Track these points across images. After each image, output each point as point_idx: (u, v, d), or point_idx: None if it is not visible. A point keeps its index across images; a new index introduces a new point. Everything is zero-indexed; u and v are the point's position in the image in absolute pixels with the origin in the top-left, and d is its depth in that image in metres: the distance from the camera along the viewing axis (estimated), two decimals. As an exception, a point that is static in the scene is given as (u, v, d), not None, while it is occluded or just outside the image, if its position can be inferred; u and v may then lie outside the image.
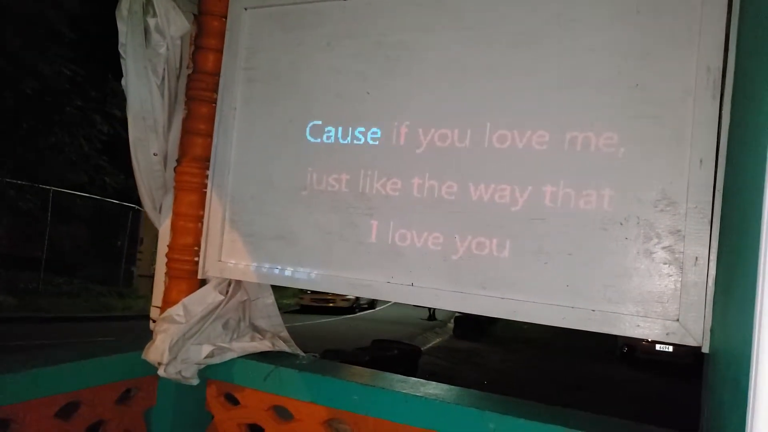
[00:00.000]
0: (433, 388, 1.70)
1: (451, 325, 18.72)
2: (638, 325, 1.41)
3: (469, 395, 1.68)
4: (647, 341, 13.71)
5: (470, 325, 17.21)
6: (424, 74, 1.71)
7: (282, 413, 1.85)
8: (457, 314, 17.94)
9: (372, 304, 22.27)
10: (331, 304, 18.69)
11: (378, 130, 1.77)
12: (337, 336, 13.37)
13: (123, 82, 1.85)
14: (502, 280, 1.57)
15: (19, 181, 14.02)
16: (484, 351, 14.98)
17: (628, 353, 14.67)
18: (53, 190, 15.00)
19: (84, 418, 1.70)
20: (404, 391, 1.66)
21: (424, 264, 1.67)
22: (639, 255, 1.43)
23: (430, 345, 15.33)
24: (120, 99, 2.12)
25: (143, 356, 1.81)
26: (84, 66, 13.56)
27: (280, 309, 2.14)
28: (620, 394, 10.85)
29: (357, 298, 19.56)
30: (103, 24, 1.80)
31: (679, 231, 1.39)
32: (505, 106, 1.61)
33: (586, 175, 1.49)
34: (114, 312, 13.12)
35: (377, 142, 1.76)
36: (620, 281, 1.44)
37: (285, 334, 2.08)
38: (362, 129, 1.79)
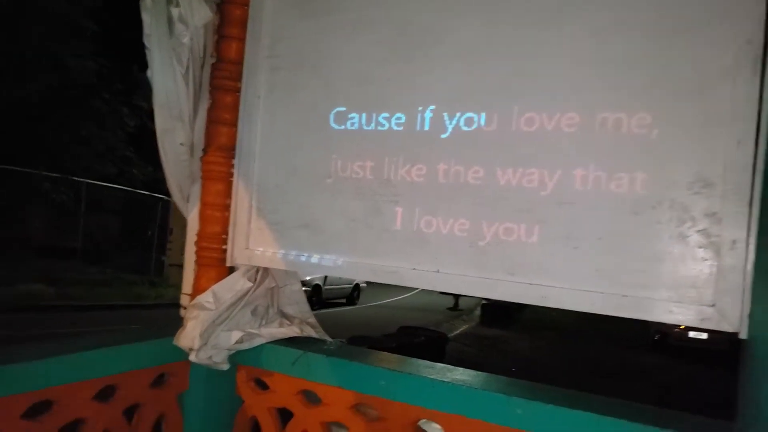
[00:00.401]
0: (460, 374, 1.69)
1: (477, 312, 18.67)
2: (671, 311, 1.38)
3: (496, 381, 1.67)
4: (680, 328, 13.48)
5: (497, 312, 17.14)
6: (449, 58, 1.69)
7: (310, 397, 1.87)
8: (483, 301, 17.86)
9: (352, 298, 19.12)
10: None
11: (402, 116, 1.75)
12: (363, 323, 13.45)
13: (148, 72, 1.86)
14: (530, 266, 1.55)
15: (52, 174, 14.34)
16: (511, 338, 14.92)
17: (661, 340, 14.42)
18: (85, 182, 15.31)
19: (121, 401, 1.74)
20: (431, 377, 1.66)
21: (450, 250, 1.66)
22: (672, 239, 1.39)
23: (457, 332, 15.33)
24: (146, 90, 2.14)
25: (175, 342, 1.84)
26: (110, 59, 13.76)
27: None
28: (652, 381, 10.71)
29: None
30: (127, 16, 1.81)
31: (715, 214, 1.35)
32: (533, 87, 1.58)
33: (618, 158, 1.46)
34: (146, 300, 13.41)
35: (401, 128, 1.75)
36: (652, 266, 1.41)
37: (313, 320, 2.09)
38: (386, 115, 1.77)
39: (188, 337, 1.82)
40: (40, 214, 14.73)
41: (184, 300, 1.97)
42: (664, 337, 14.34)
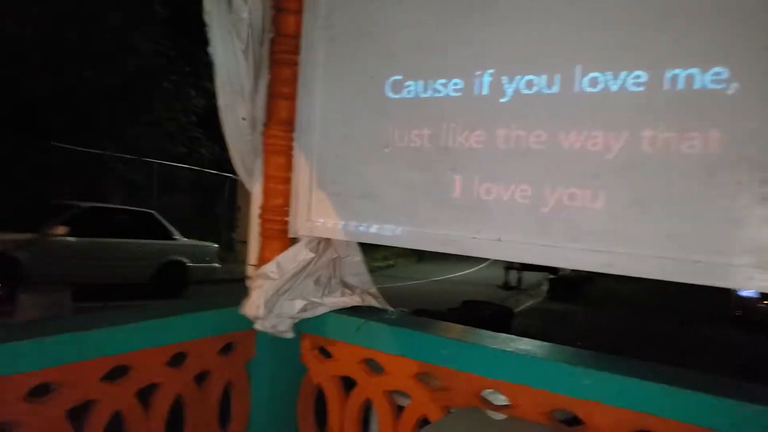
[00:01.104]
0: (525, 344, 1.67)
1: (544, 287, 18.30)
2: (752, 278, 1.30)
3: (562, 351, 1.64)
4: (765, 303, 12.70)
5: (565, 287, 16.73)
6: (506, 19, 1.63)
7: (373, 366, 1.90)
8: (551, 276, 17.43)
9: None
10: None
11: (460, 81, 1.71)
12: (425, 298, 13.49)
13: (210, 49, 1.89)
14: (595, 233, 1.50)
15: (126, 155, 15.09)
16: (580, 313, 14.58)
17: (743, 316, 13.57)
18: (157, 162, 16.00)
19: (191, 368, 1.83)
20: (495, 346, 1.65)
21: (512, 218, 1.62)
22: (753, 201, 1.30)
23: (523, 307, 15.12)
24: (211, 71, 2.18)
25: (241, 311, 1.91)
26: (177, 42, 14.19)
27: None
28: (733, 359, 10.19)
29: None
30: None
31: (800, 172, 1.25)
32: (596, 46, 1.50)
33: (690, 116, 1.37)
34: (216, 275, 13.93)
35: (459, 94, 1.71)
36: (730, 230, 1.32)
37: (374, 290, 2.11)
38: (443, 81, 1.74)
39: (253, 305, 1.88)
40: (117, 195, 15.53)
41: (250, 271, 2.03)
42: (747, 313, 13.49)
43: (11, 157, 12.54)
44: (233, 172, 2.06)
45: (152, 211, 12.11)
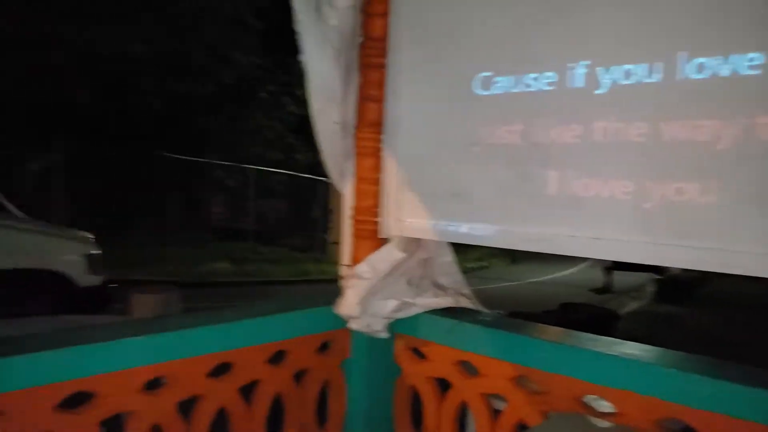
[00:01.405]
0: (630, 348, 1.58)
1: (649, 288, 17.27)
2: None
3: (673, 355, 1.53)
4: None
5: (674, 288, 15.69)
6: (600, 5, 1.55)
7: (468, 368, 1.87)
8: (657, 276, 16.40)
9: None
10: None
11: (552, 74, 1.65)
12: (520, 300, 13.17)
13: (302, 58, 1.95)
14: (706, 229, 1.39)
15: (225, 163, 16.01)
16: (691, 315, 13.63)
17: None
18: (254, 168, 16.80)
19: (291, 366, 1.89)
20: (597, 350, 1.57)
21: (611, 215, 1.54)
22: None
23: (627, 310, 14.37)
24: (304, 79, 2.25)
25: (336, 310, 1.95)
26: (272, 52, 14.84)
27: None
28: None
29: None
30: (285, 11, 1.92)
31: None
32: (703, 29, 1.39)
33: (818, 99, 1.24)
34: (311, 276, 14.40)
35: (552, 87, 1.65)
36: None
37: (467, 291, 2.08)
38: (534, 75, 1.68)
39: (348, 304, 1.91)
40: (218, 201, 16.49)
41: (343, 271, 2.07)
42: None
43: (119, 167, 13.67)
44: (326, 175, 2.12)
45: None
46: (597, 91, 1.56)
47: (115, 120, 13.22)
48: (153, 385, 1.57)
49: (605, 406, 1.56)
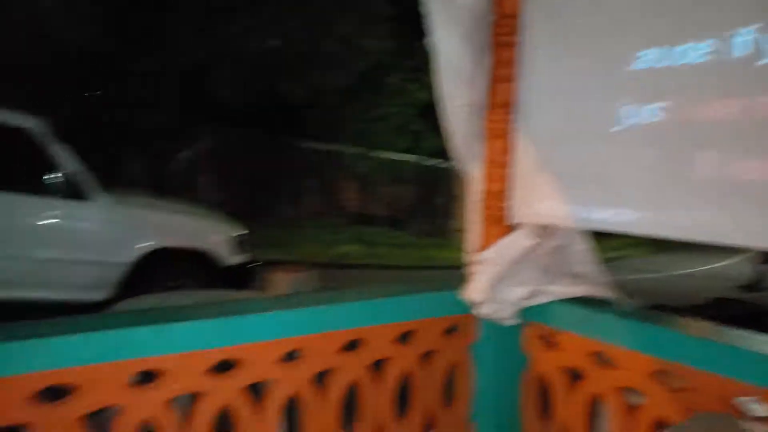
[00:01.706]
0: (792, 349, 1.41)
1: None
2: None
3: None
4: None
5: None
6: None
7: (602, 360, 1.78)
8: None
9: None
10: None
11: (706, 45, 1.49)
12: (664, 293, 12.25)
13: (430, 39, 1.94)
14: None
15: (355, 150, 16.65)
16: None
17: None
18: (383, 155, 17.27)
19: (417, 346, 1.92)
20: (755, 349, 1.42)
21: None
22: None
23: (788, 310, 12.80)
24: (430, 64, 2.24)
25: (462, 295, 1.94)
26: (401, 38, 15.05)
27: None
28: None
29: None
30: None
31: None
32: None
33: None
34: (436, 262, 14.50)
35: (706, 59, 1.49)
36: None
37: (605, 281, 1.97)
38: (684, 47, 1.53)
39: (475, 290, 1.89)
40: (350, 186, 17.14)
41: (469, 257, 2.05)
42: None
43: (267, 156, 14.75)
44: (452, 160, 2.10)
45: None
46: (759, 62, 1.39)
47: (256, 111, 14.23)
48: (290, 357, 1.67)
49: (761, 410, 1.41)
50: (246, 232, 7.69)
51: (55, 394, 1.34)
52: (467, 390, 2.05)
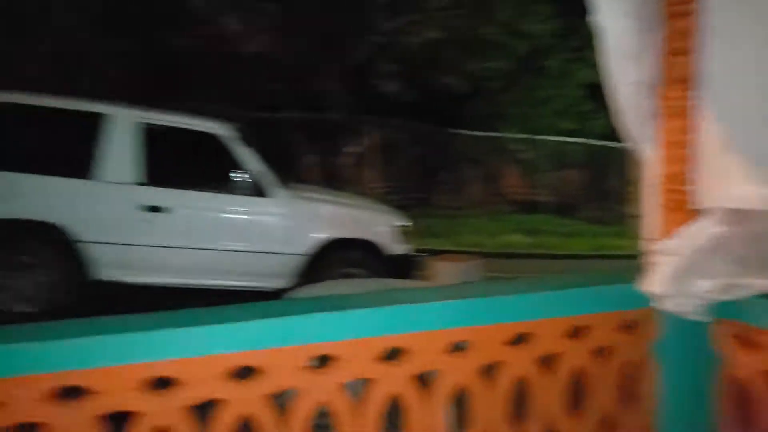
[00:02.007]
0: None
1: None
2: None
3: None
4: None
5: None
6: None
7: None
8: None
9: None
10: None
11: None
12: None
13: (594, 17, 1.83)
14: None
15: (519, 135, 16.29)
16: None
17: None
18: (547, 139, 16.68)
19: (591, 342, 1.83)
20: None
21: None
22: None
23: None
24: (595, 42, 2.10)
25: (640, 288, 1.80)
26: (562, 19, 14.40)
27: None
28: None
29: None
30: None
31: None
32: None
33: None
34: (608, 251, 13.61)
35: None
36: None
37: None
38: None
39: (656, 283, 1.75)
40: (512, 173, 16.78)
41: (648, 246, 1.90)
42: None
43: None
44: (623, 142, 1.96)
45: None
46: None
47: (420, 103, 14.58)
48: (458, 347, 1.69)
49: None
50: (410, 223, 7.94)
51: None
52: (649, 393, 1.90)
